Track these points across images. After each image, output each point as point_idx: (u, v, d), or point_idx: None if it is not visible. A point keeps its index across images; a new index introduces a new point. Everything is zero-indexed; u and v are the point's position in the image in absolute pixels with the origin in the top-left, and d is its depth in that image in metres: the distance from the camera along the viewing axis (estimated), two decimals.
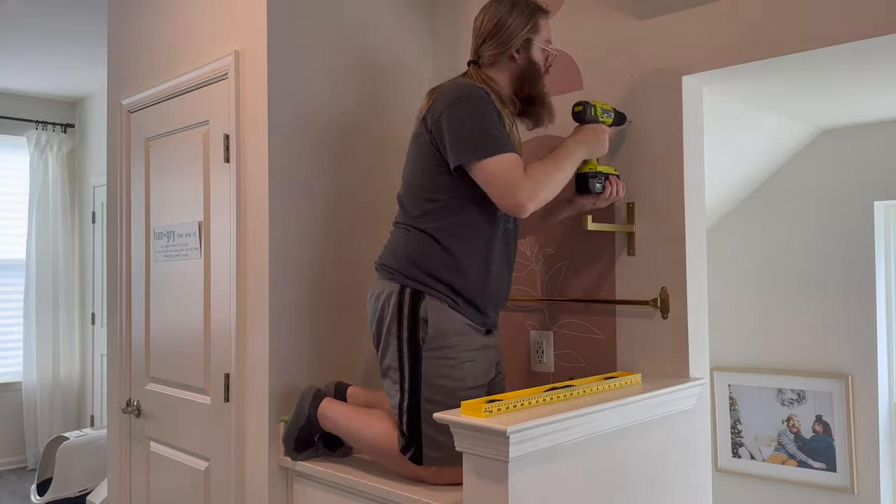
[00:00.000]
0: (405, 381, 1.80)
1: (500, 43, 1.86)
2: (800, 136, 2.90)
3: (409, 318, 1.80)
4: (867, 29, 1.70)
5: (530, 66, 1.89)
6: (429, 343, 1.78)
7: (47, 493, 4.36)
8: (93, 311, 5.71)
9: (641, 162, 2.06)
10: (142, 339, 2.72)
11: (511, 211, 1.72)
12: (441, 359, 1.78)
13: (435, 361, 1.78)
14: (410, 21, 2.56)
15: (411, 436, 1.79)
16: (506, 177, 1.70)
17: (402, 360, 1.81)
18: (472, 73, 1.90)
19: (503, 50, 1.86)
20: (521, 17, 1.86)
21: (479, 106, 1.76)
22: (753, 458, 3.12)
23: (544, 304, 2.29)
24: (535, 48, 1.89)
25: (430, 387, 1.77)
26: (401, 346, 1.80)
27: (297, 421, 2.02)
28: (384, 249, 1.92)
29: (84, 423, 5.78)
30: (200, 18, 2.45)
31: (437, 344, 1.78)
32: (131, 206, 2.80)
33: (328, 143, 2.29)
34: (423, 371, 1.78)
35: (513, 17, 1.86)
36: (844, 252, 2.90)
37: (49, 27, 4.21)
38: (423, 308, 1.79)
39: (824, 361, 2.95)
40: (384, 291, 1.85)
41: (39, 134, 5.69)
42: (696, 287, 2.01)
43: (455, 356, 1.79)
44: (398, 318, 1.81)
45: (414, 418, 1.78)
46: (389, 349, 1.83)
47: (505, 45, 1.86)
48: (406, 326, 1.80)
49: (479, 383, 1.83)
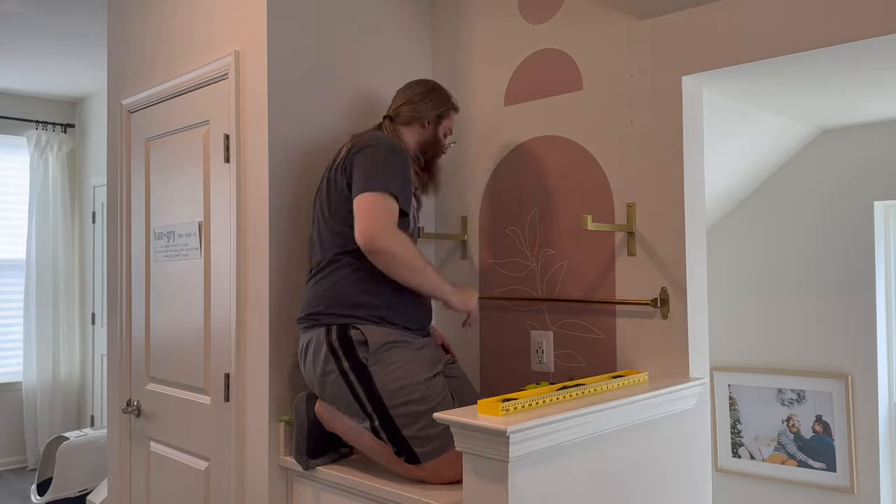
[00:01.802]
0: (366, 405, 1.86)
1: (417, 109, 2.12)
2: (800, 136, 2.90)
3: (344, 348, 1.88)
4: (867, 29, 1.70)
5: (434, 138, 2.16)
6: (371, 357, 1.86)
7: (47, 493, 4.36)
8: (93, 311, 5.71)
9: (641, 162, 2.06)
10: (142, 339, 2.72)
11: (362, 241, 1.83)
12: (388, 366, 1.86)
13: (384, 370, 1.85)
14: (410, 21, 2.56)
15: (399, 446, 1.83)
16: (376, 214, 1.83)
17: (354, 390, 1.87)
18: (386, 125, 2.12)
19: (418, 115, 2.12)
20: (439, 98, 2.16)
21: (393, 155, 1.94)
22: (753, 458, 3.12)
23: (544, 304, 2.29)
24: (441, 127, 2.17)
25: (390, 394, 1.84)
26: (347, 378, 1.87)
27: (301, 428, 2.02)
28: (303, 303, 2.02)
29: (84, 423, 5.78)
30: (200, 18, 2.45)
31: (379, 355, 1.86)
32: (131, 206, 2.80)
33: (328, 143, 2.29)
34: (378, 385, 1.85)
35: (433, 95, 2.15)
36: (844, 252, 2.90)
37: (49, 27, 4.21)
38: (353, 334, 1.88)
39: (824, 361, 2.95)
40: (312, 340, 1.93)
41: (39, 134, 5.69)
42: (696, 287, 2.01)
43: (400, 359, 1.87)
44: (333, 354, 1.89)
45: (391, 430, 1.83)
46: (339, 388, 1.89)
47: (421, 112, 2.12)
48: (344, 356, 1.88)
49: (432, 372, 1.90)
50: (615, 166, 2.12)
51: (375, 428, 1.85)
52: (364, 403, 1.86)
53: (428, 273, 1.90)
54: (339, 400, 1.91)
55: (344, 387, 1.87)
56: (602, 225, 2.01)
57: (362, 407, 1.86)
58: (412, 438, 1.81)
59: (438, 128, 2.16)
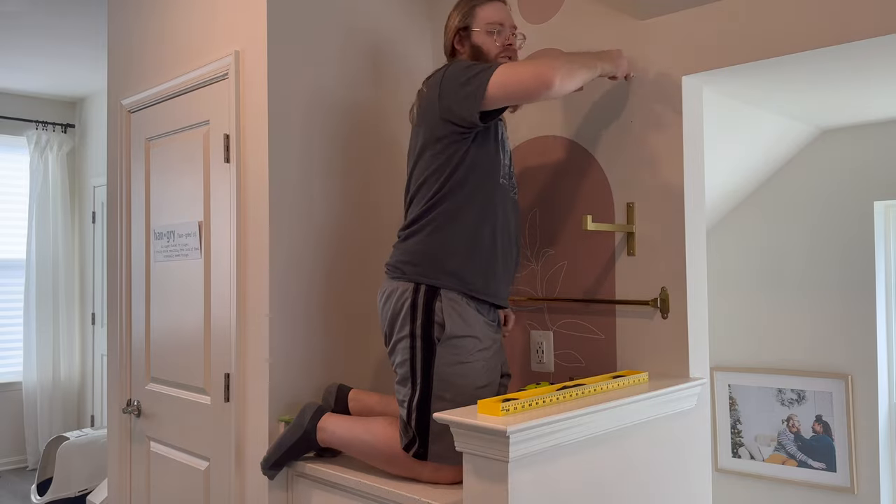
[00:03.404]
0: (417, 376, 1.83)
1: (449, 35, 2.02)
2: (800, 136, 2.90)
3: (424, 316, 1.83)
4: (867, 29, 1.70)
5: (475, 51, 2.00)
6: (443, 341, 1.82)
7: (47, 493, 4.36)
8: (93, 311, 5.71)
9: (641, 162, 2.06)
10: (142, 339, 2.72)
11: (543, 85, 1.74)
12: (455, 356, 1.82)
13: (449, 359, 1.81)
14: (410, 21, 2.56)
15: (419, 431, 1.81)
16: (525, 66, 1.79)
17: (414, 356, 1.83)
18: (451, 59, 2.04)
19: (450, 45, 2.03)
20: (457, 11, 2.02)
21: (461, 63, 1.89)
22: (753, 458, 3.12)
23: (544, 304, 2.29)
24: (474, 34, 1.99)
25: (441, 383, 1.81)
26: (414, 343, 1.84)
27: (291, 435, 2.00)
28: (393, 251, 1.96)
29: (84, 423, 5.78)
30: (200, 18, 2.45)
31: (452, 342, 1.82)
32: (131, 206, 2.80)
33: (328, 143, 2.29)
34: (436, 367, 1.81)
35: (452, 15, 2.03)
36: (844, 252, 2.90)
37: (49, 27, 4.21)
38: (437, 305, 1.83)
39: (824, 361, 2.95)
40: (396, 290, 1.88)
41: (39, 134, 5.69)
42: (696, 287, 2.01)
43: (468, 355, 1.83)
44: (412, 315, 1.84)
45: (423, 413, 1.80)
46: (402, 345, 1.86)
47: (449, 40, 2.03)
48: (420, 324, 1.83)
49: (487, 381, 1.86)
50: (615, 166, 2.12)
51: (412, 402, 1.82)
52: (416, 372, 1.83)
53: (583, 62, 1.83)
54: (399, 352, 1.87)
55: (408, 348, 1.84)
56: (602, 225, 2.01)
57: (413, 373, 1.83)
58: (435, 434, 1.79)
59: (472, 32, 1.98)
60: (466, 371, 1.82)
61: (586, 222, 1.95)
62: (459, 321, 1.83)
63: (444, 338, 1.81)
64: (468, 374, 1.82)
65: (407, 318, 1.85)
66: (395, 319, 1.88)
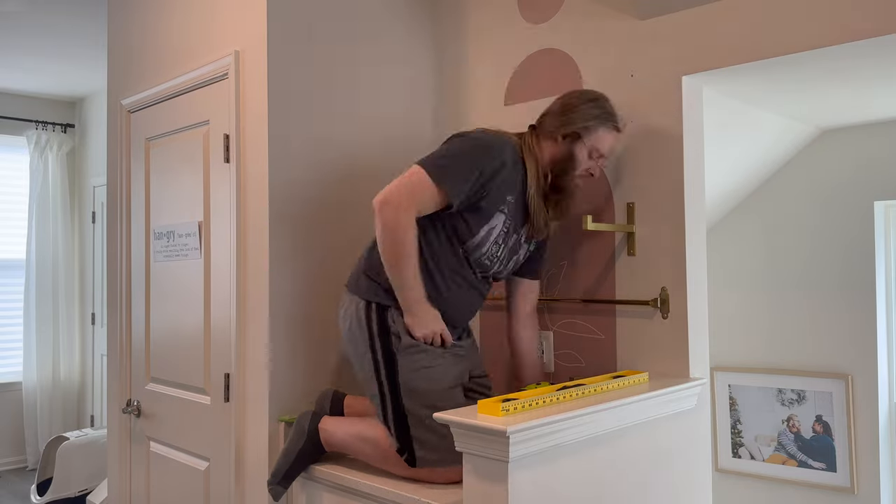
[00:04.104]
0: (385, 389, 1.85)
1: (556, 122, 1.92)
2: (800, 136, 2.90)
3: (380, 330, 1.87)
4: (867, 29, 1.70)
5: (568, 156, 1.91)
6: (402, 351, 1.84)
7: (47, 493, 4.36)
8: (93, 311, 5.71)
9: (641, 162, 2.06)
10: (142, 339, 2.72)
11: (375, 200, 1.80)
12: (416, 362, 1.84)
13: (410, 367, 1.84)
14: (410, 21, 2.56)
15: (402, 441, 1.83)
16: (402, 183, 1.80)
17: (378, 371, 1.86)
18: (527, 133, 1.97)
19: (555, 129, 1.92)
20: (588, 112, 1.90)
21: (473, 148, 1.86)
22: (753, 458, 3.12)
23: (544, 304, 2.29)
24: (580, 144, 1.91)
25: (409, 392, 1.83)
26: (375, 358, 1.87)
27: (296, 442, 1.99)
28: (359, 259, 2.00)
29: (84, 423, 5.77)
30: (200, 18, 2.45)
31: (411, 350, 1.84)
32: (131, 206, 2.80)
33: (328, 143, 2.29)
34: (401, 377, 1.84)
35: (581, 109, 1.91)
36: (844, 252, 2.90)
37: (49, 27, 4.21)
38: (390, 319, 1.87)
39: (824, 361, 2.95)
40: (350, 304, 1.93)
41: (39, 134, 5.69)
42: (696, 287, 2.01)
43: (430, 360, 1.85)
44: (368, 331, 1.88)
45: (400, 424, 1.83)
46: (365, 362, 1.89)
47: (558, 125, 1.92)
48: (377, 337, 1.87)
49: (456, 383, 1.88)
50: (615, 166, 2.12)
51: (387, 415, 1.84)
52: (384, 385, 1.85)
53: (410, 271, 1.80)
54: (364, 369, 1.89)
55: (371, 363, 1.87)
56: (602, 225, 2.01)
57: (381, 387, 1.85)
58: (418, 441, 1.80)
59: (576, 145, 1.89)
60: (431, 375, 1.84)
61: (586, 222, 1.95)
62: None
63: (402, 347, 1.84)
64: (433, 377, 1.84)
65: (364, 333, 1.88)
66: (352, 336, 1.91)
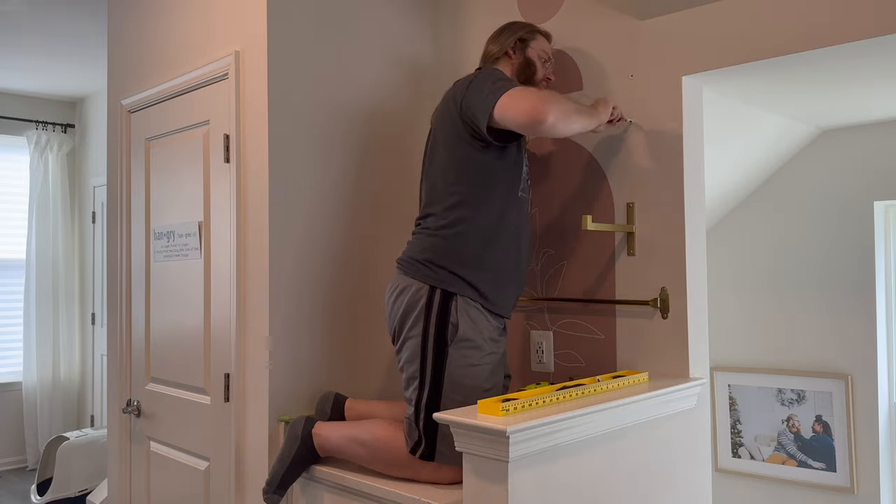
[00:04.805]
0: (427, 376, 1.84)
1: (499, 44, 2.11)
2: (800, 136, 2.90)
3: (438, 318, 1.85)
4: (867, 29, 1.70)
5: (526, 62, 2.10)
6: (456, 343, 1.83)
7: (47, 493, 4.36)
8: (93, 311, 5.71)
9: (641, 162, 2.06)
10: (142, 339, 2.72)
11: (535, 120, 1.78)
12: (466, 358, 1.84)
13: (460, 360, 1.83)
14: (410, 21, 2.56)
15: (426, 432, 1.82)
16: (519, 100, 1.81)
17: (425, 356, 1.85)
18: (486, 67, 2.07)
19: (502, 46, 2.10)
20: (516, 27, 2.12)
21: (492, 72, 1.94)
22: (753, 458, 3.12)
23: (544, 304, 2.29)
24: (529, 49, 2.10)
25: (452, 384, 1.82)
26: (425, 343, 1.85)
27: (290, 448, 1.99)
28: (407, 248, 1.97)
29: (84, 423, 5.78)
30: (200, 18, 2.45)
31: (465, 345, 1.84)
32: (131, 206, 2.80)
33: (329, 143, 2.29)
34: (447, 369, 1.83)
35: (510, 27, 2.13)
36: (844, 252, 2.90)
37: (49, 27, 4.21)
38: (453, 309, 1.85)
39: (824, 361, 2.95)
40: (410, 286, 1.89)
41: (39, 134, 5.69)
42: (696, 287, 2.01)
43: (478, 358, 1.85)
44: (426, 315, 1.86)
45: (431, 414, 1.80)
46: (412, 343, 1.87)
47: (504, 43, 2.10)
48: (434, 324, 1.85)
49: (494, 384, 1.89)
50: (615, 166, 2.12)
51: (420, 401, 1.83)
52: (427, 372, 1.84)
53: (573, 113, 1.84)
54: (409, 351, 1.87)
55: (419, 347, 1.85)
56: (602, 225, 2.01)
57: (423, 373, 1.84)
58: (443, 435, 1.79)
59: (526, 51, 2.09)
60: (475, 373, 1.84)
61: (586, 222, 1.95)
62: (472, 325, 1.85)
63: (457, 340, 1.83)
64: (477, 376, 1.84)
65: (421, 316, 1.86)
66: (406, 316, 1.88)
